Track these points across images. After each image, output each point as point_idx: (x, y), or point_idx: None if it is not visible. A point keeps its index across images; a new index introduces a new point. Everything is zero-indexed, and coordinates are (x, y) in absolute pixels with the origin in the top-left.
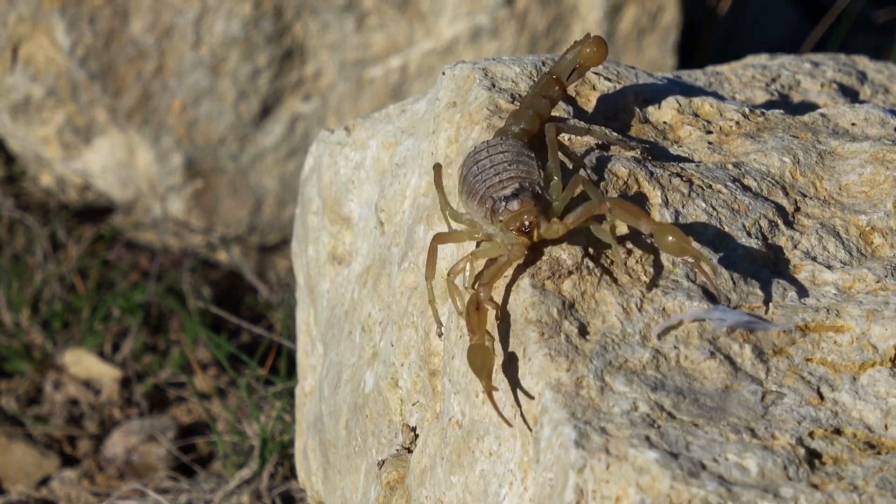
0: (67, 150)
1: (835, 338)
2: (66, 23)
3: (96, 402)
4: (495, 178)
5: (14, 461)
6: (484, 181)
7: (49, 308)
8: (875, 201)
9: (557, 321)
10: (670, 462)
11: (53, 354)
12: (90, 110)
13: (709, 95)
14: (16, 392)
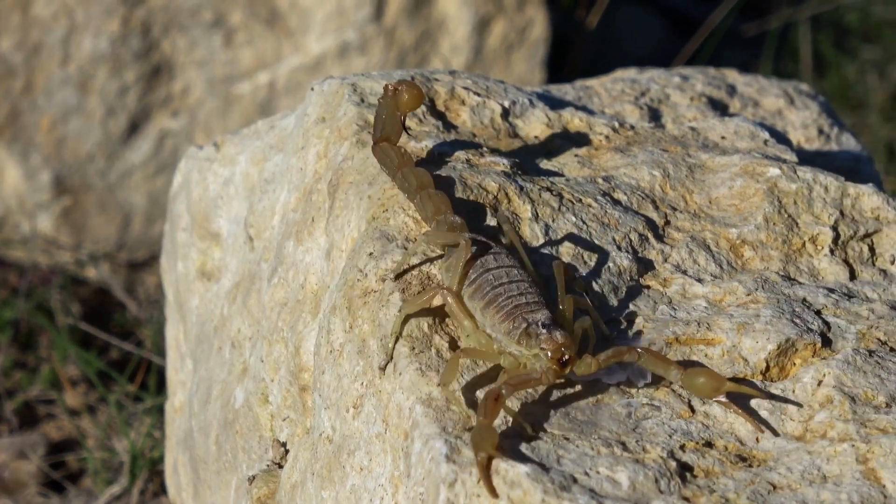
0: None
1: (706, 351)
2: None
3: None
4: (521, 299)
5: None
6: (508, 297)
7: None
8: (745, 214)
9: (428, 335)
10: (542, 476)
11: None
12: None
13: (578, 109)
14: None
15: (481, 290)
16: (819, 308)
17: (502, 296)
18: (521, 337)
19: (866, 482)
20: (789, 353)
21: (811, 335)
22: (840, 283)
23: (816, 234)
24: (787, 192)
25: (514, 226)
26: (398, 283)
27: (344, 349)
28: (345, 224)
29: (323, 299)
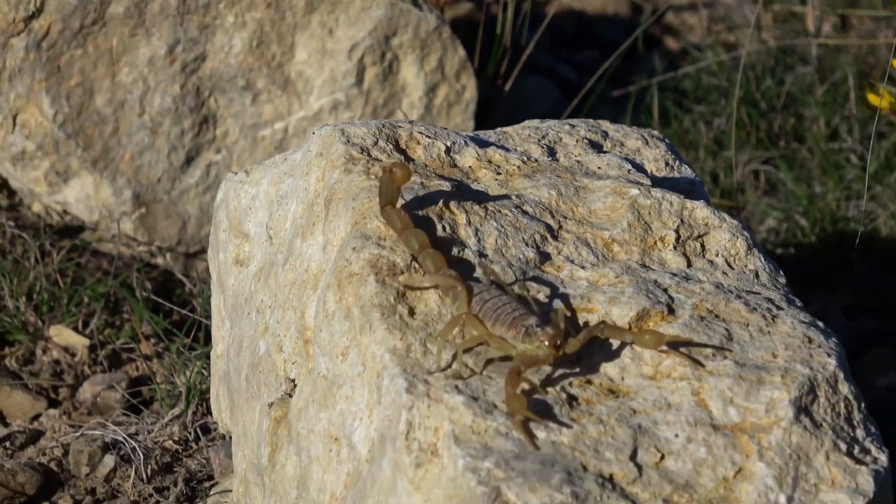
0: (52, 187)
1: (587, 317)
2: (50, 98)
3: (73, 362)
4: (515, 313)
5: (15, 403)
6: (506, 314)
7: (39, 297)
8: (615, 221)
9: (393, 305)
10: (472, 403)
11: (42, 329)
12: (67, 159)
13: (498, 148)
14: (16, 355)
15: (487, 315)
16: (666, 287)
17: (502, 314)
18: (524, 337)
19: (698, 408)
20: (645, 318)
21: (660, 305)
22: (680, 270)
23: (664, 235)
24: (644, 206)
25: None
26: (374, 268)
27: (335, 314)
28: (336, 227)
29: (321, 280)
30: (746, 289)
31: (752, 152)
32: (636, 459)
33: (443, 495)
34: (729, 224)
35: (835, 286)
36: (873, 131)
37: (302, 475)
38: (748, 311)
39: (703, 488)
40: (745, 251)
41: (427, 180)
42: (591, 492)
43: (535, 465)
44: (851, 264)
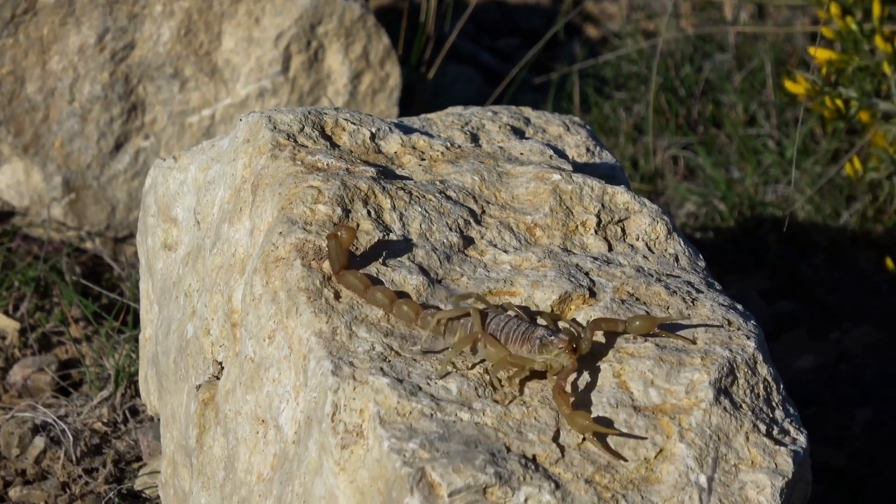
0: None
1: (510, 299)
2: None
3: (3, 345)
4: (521, 328)
5: None
6: (514, 331)
7: None
8: (537, 206)
9: (319, 289)
10: (397, 385)
11: None
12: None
13: (422, 134)
14: None
15: (497, 335)
16: (587, 270)
17: (511, 332)
18: (540, 349)
19: (620, 390)
20: (567, 301)
21: (582, 289)
22: (602, 254)
23: (585, 219)
24: (566, 191)
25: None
26: (300, 252)
27: (262, 298)
28: (262, 212)
29: (247, 264)
30: (666, 272)
31: (672, 138)
32: (559, 440)
33: (368, 476)
34: (649, 209)
35: (752, 269)
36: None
37: (229, 456)
38: (668, 295)
39: (625, 469)
40: (665, 235)
41: (352, 166)
42: (515, 472)
43: (460, 447)
44: (769, 248)
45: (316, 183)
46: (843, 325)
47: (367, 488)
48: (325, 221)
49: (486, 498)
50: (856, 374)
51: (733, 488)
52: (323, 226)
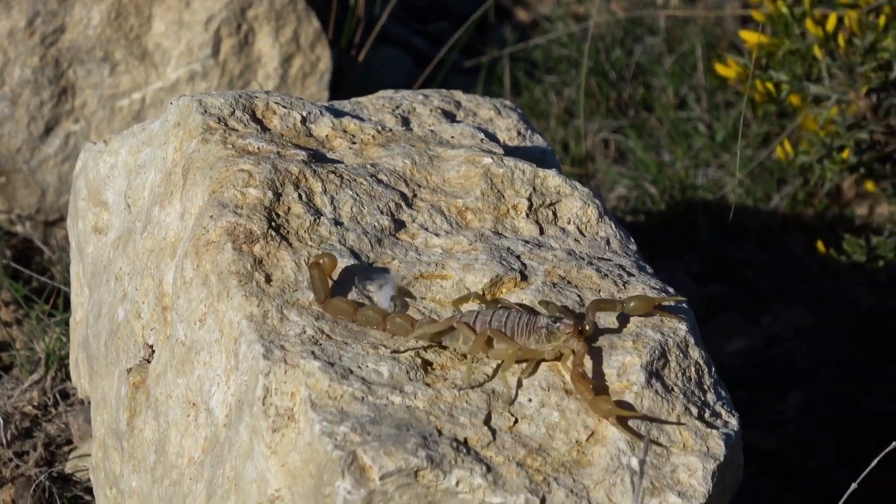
0: None
1: (441, 283)
2: None
3: None
4: (524, 320)
5: None
6: (517, 325)
7: None
8: (468, 189)
9: (250, 272)
10: (328, 369)
11: None
12: None
13: (353, 117)
14: None
15: (501, 331)
16: (519, 254)
17: (515, 325)
18: (547, 337)
19: (551, 373)
20: (499, 284)
21: (513, 272)
22: (533, 237)
23: (517, 203)
24: (497, 175)
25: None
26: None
27: (193, 282)
28: (193, 196)
29: (178, 247)
30: (598, 255)
31: (602, 121)
32: (490, 424)
33: (299, 459)
34: (580, 192)
35: (683, 253)
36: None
37: (160, 440)
38: (600, 278)
39: (557, 452)
40: (597, 219)
41: (283, 150)
42: (446, 455)
43: (391, 430)
44: (700, 231)
45: (247, 166)
46: (775, 309)
47: (298, 471)
48: (255, 205)
49: (417, 481)
50: (787, 358)
51: (665, 471)
52: (254, 209)
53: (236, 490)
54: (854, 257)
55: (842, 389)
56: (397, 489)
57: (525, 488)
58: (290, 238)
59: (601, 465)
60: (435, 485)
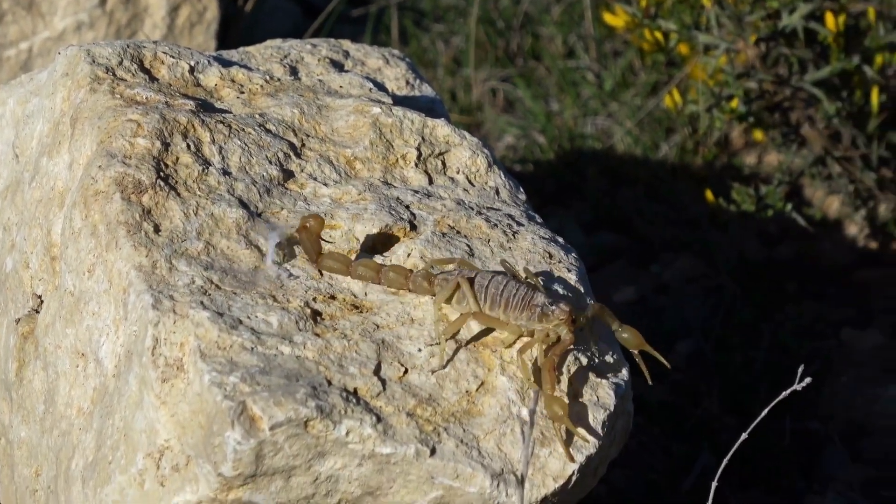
0: None
1: (330, 233)
2: None
3: None
4: (521, 292)
5: None
6: (513, 296)
7: None
8: (357, 139)
9: (139, 223)
10: (218, 319)
11: None
12: None
13: (241, 67)
14: None
15: (495, 301)
16: (408, 204)
17: (511, 297)
18: (540, 318)
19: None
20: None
21: (403, 222)
22: (422, 187)
23: (406, 153)
24: (386, 124)
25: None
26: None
27: (81, 232)
28: (82, 145)
29: (67, 198)
30: (487, 205)
31: (491, 70)
32: (380, 374)
33: (189, 410)
34: (469, 142)
35: (572, 202)
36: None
37: (49, 390)
38: (489, 228)
39: (447, 402)
40: (486, 168)
41: (172, 100)
42: (336, 406)
43: (281, 380)
44: (588, 180)
45: (135, 116)
46: (663, 258)
47: (187, 422)
48: (144, 155)
49: (307, 431)
50: (676, 307)
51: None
52: (142, 159)
53: (126, 440)
54: (743, 206)
55: (730, 338)
56: (287, 439)
57: (415, 438)
58: (178, 188)
59: (491, 415)
60: (325, 435)
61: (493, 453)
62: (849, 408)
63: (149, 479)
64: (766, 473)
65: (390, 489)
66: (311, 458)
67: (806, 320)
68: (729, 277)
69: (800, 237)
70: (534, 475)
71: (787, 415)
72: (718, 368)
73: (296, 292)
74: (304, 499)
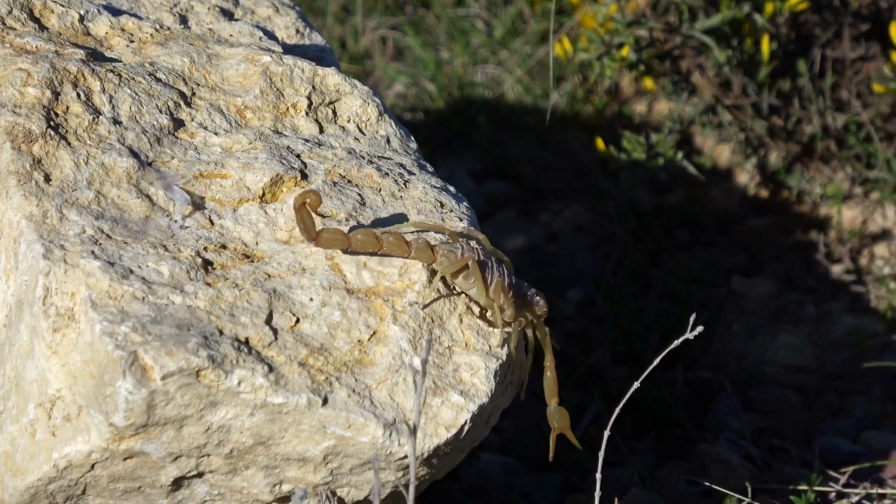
0: None
1: (221, 182)
2: None
3: None
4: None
5: None
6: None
7: None
8: (247, 88)
9: (29, 172)
10: (109, 269)
11: None
12: None
13: (131, 16)
14: None
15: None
16: (299, 153)
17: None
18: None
19: (332, 272)
20: (279, 183)
21: (294, 171)
22: (313, 136)
23: (296, 102)
24: (276, 73)
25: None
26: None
27: None
28: None
29: None
30: (378, 154)
31: (380, 18)
32: (272, 323)
33: (80, 359)
34: (360, 90)
35: (462, 150)
36: None
37: None
38: (380, 177)
39: (339, 351)
40: (377, 117)
41: (61, 49)
42: (228, 355)
43: (172, 330)
44: (478, 129)
45: (25, 66)
46: (554, 206)
47: (79, 371)
48: (34, 104)
49: (199, 381)
50: (567, 255)
51: (447, 370)
52: (32, 108)
53: (17, 390)
54: (633, 155)
55: (621, 287)
56: (178, 389)
57: (307, 388)
58: (69, 137)
59: (383, 364)
60: (216, 384)
61: (386, 403)
62: (740, 356)
63: (40, 429)
64: (657, 421)
65: (282, 439)
66: (202, 408)
67: (696, 268)
68: (620, 226)
69: (690, 185)
70: (426, 424)
71: (678, 363)
72: (609, 317)
73: (187, 242)
74: (196, 448)
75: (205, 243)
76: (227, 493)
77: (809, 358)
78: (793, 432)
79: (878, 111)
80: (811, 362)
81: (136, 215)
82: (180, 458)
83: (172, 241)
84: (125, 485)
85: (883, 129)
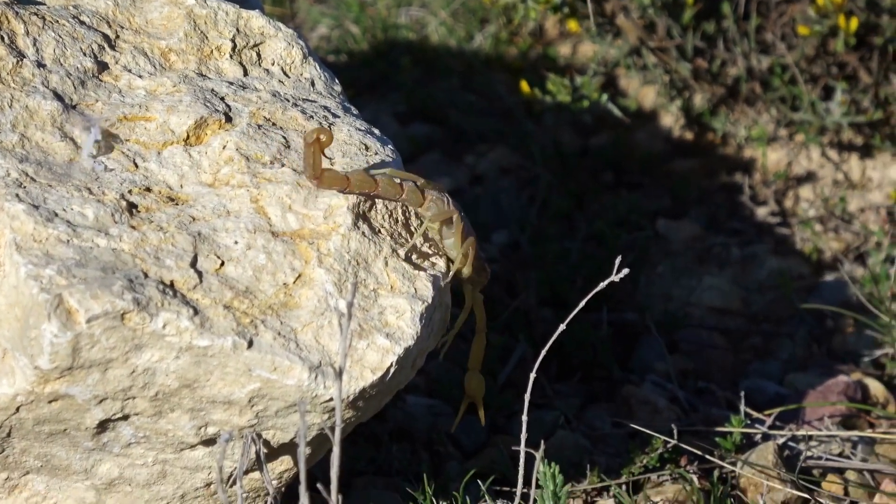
0: None
1: (145, 125)
2: None
3: None
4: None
5: None
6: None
7: None
8: (171, 31)
9: None
10: (33, 212)
11: None
12: None
13: None
14: None
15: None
16: (223, 95)
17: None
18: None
19: (257, 215)
20: (203, 126)
21: (218, 114)
22: (237, 79)
23: (220, 44)
24: (200, 16)
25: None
26: None
27: None
28: None
29: None
30: (303, 97)
31: None
32: (196, 266)
33: (5, 303)
34: (284, 33)
35: (387, 92)
36: None
37: None
38: (305, 120)
39: (264, 294)
40: (301, 60)
41: None
42: (153, 298)
43: (97, 273)
44: (403, 71)
45: None
46: (479, 148)
47: (4, 315)
48: None
49: (124, 324)
50: (491, 197)
51: (373, 313)
52: None
53: None
54: (558, 97)
55: (546, 229)
56: (104, 332)
57: (232, 331)
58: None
59: (309, 307)
60: (142, 327)
61: (311, 346)
62: (665, 298)
63: None
64: (583, 364)
65: (208, 382)
66: (128, 351)
67: (621, 211)
68: (544, 168)
69: (615, 127)
70: (352, 367)
71: (603, 305)
72: (534, 259)
73: (111, 185)
74: (122, 391)
75: (129, 186)
76: (153, 435)
77: (735, 300)
78: (718, 374)
79: (802, 53)
80: (736, 304)
81: (61, 158)
82: (105, 400)
83: (97, 184)
84: (50, 427)
85: (808, 72)
